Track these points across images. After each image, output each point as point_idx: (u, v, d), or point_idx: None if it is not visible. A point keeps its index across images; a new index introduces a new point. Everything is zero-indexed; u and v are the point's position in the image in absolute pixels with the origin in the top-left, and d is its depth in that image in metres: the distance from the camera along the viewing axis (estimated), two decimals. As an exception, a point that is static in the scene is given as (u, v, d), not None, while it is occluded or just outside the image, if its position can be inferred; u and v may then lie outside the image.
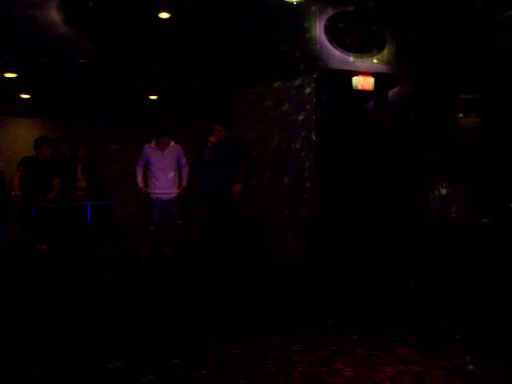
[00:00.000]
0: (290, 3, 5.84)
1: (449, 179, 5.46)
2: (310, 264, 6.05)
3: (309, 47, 6.24)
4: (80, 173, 7.17)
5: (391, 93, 6.91)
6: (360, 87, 6.36)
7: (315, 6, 6.14)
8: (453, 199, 5.23)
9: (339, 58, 6.25)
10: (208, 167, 5.68)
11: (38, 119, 9.67)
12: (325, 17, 6.21)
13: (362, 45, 6.33)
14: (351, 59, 6.29)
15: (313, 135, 6.25)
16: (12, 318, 4.12)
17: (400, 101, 6.76)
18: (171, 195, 6.39)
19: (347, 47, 6.27)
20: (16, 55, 6.40)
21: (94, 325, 4.01)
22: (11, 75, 7.10)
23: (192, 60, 7.07)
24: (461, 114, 6.25)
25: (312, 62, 6.22)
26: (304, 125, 6.33)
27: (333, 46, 6.24)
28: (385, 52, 6.43)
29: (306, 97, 6.31)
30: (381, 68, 6.42)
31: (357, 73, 6.33)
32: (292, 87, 6.41)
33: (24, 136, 9.11)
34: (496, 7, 5.56)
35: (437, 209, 5.28)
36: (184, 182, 6.49)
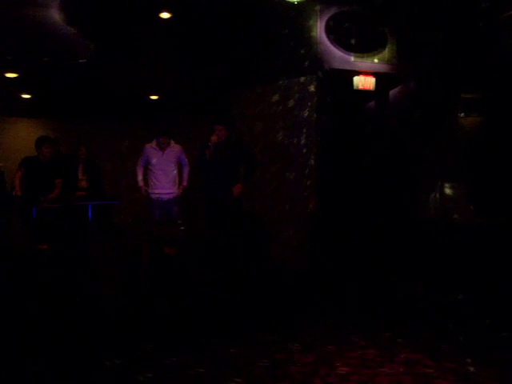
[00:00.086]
0: (291, 3, 5.84)
1: (450, 179, 5.46)
2: (311, 263, 6.05)
3: (310, 47, 6.23)
4: (81, 173, 7.16)
5: (392, 92, 6.91)
6: (361, 87, 6.36)
7: (316, 6, 6.14)
8: (453, 199, 5.23)
9: (340, 58, 6.25)
10: (209, 167, 5.68)
11: (39, 119, 9.68)
12: (326, 16, 6.21)
13: (363, 44, 6.32)
14: (352, 59, 6.29)
15: (314, 135, 6.24)
16: (12, 318, 4.13)
17: (401, 100, 6.75)
18: (171, 195, 6.39)
19: (348, 47, 6.26)
20: (17, 55, 6.41)
21: (94, 325, 4.01)
22: (12, 75, 7.12)
23: (193, 60, 7.07)
24: (462, 114, 6.25)
25: (313, 62, 6.22)
26: (305, 124, 6.32)
27: (334, 46, 6.24)
28: (386, 52, 6.42)
29: (307, 97, 6.29)
30: (382, 68, 6.41)
31: (358, 72, 6.32)
32: (293, 87, 6.40)
33: (25, 136, 9.11)
34: (497, 7, 5.55)
35: (437, 208, 5.28)
36: (184, 182, 6.50)
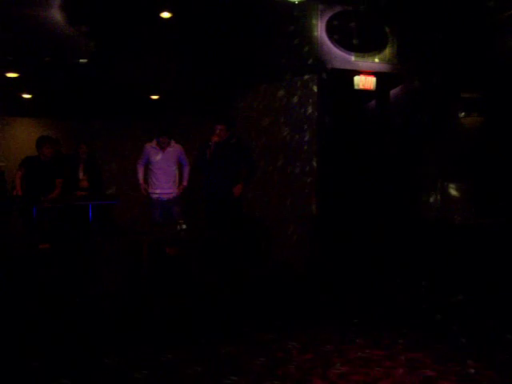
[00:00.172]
0: (292, 3, 5.84)
1: (450, 179, 5.45)
2: (311, 263, 6.04)
3: (310, 47, 6.23)
4: (82, 173, 7.17)
5: (393, 92, 6.90)
6: (362, 86, 6.36)
7: (317, 6, 6.13)
8: (454, 199, 5.22)
9: (341, 58, 6.25)
10: (209, 167, 5.68)
11: (40, 119, 9.67)
12: (326, 16, 6.21)
13: (364, 44, 6.32)
14: (353, 58, 6.29)
15: (314, 135, 6.23)
16: (12, 318, 4.13)
17: (401, 100, 6.75)
18: (171, 195, 6.39)
19: (349, 46, 6.27)
20: (17, 55, 6.42)
21: (94, 325, 4.01)
22: (13, 75, 7.11)
23: (193, 60, 7.06)
24: (462, 114, 6.24)
25: (314, 62, 6.22)
26: (306, 124, 6.31)
27: (334, 46, 6.24)
28: (386, 51, 6.42)
29: (308, 96, 6.29)
30: (382, 67, 6.41)
31: (358, 72, 6.32)
32: (294, 87, 6.40)
33: (25, 136, 9.10)
34: (497, 7, 5.54)
35: (438, 208, 5.28)
36: (184, 182, 6.49)
